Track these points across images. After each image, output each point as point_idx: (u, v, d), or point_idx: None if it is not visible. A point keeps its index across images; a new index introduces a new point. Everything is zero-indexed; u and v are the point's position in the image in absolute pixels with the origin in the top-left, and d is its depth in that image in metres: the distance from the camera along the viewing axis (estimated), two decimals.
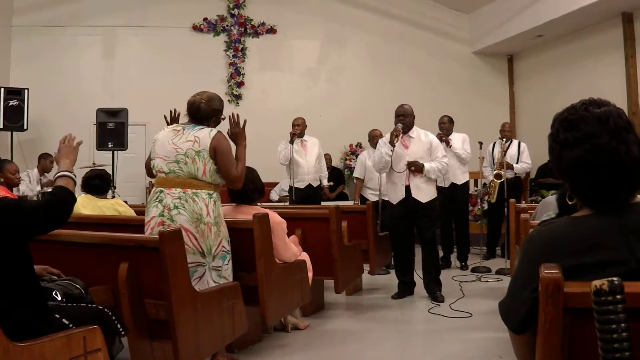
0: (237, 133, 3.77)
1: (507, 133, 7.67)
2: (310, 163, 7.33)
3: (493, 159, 7.56)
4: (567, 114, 1.50)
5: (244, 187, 3.89)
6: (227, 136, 3.68)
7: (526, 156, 7.58)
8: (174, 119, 4.08)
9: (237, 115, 3.80)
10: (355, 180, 7.98)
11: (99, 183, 4.61)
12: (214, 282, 3.46)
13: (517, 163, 7.46)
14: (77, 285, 2.68)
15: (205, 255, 3.43)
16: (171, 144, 3.54)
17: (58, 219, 2.34)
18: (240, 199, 4.13)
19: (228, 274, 3.56)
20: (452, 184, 7.18)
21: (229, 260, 3.58)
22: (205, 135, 3.51)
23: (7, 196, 2.31)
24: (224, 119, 3.78)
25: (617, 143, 1.41)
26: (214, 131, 3.55)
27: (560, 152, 1.48)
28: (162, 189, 3.52)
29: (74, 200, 2.45)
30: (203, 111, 3.62)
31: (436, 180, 5.81)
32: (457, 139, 7.25)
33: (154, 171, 3.64)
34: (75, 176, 2.57)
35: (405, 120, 5.57)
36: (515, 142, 7.68)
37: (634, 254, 1.35)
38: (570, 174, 1.47)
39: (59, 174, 2.55)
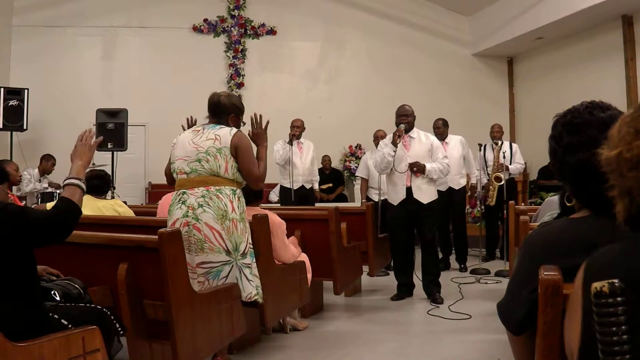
0: (259, 134, 3.74)
1: (497, 134, 7.64)
2: (305, 165, 7.38)
3: (485, 162, 7.50)
4: (570, 117, 1.50)
5: (244, 188, 3.90)
6: (247, 136, 3.65)
7: (519, 157, 7.53)
8: (191, 126, 4.08)
9: (260, 115, 3.78)
10: (360, 180, 7.96)
11: (98, 184, 4.61)
12: (249, 280, 3.44)
13: (510, 164, 7.43)
14: (76, 285, 2.68)
15: (231, 253, 3.39)
16: (192, 144, 3.51)
17: (58, 234, 2.30)
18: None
19: (256, 271, 3.54)
20: (450, 188, 7.18)
21: (254, 258, 3.56)
22: (226, 133, 3.49)
23: (13, 201, 2.30)
24: (244, 124, 3.74)
25: None
26: (234, 130, 3.53)
27: (564, 155, 1.48)
28: (184, 190, 3.48)
29: (78, 214, 2.35)
30: (223, 104, 3.60)
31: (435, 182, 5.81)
32: (455, 142, 7.25)
33: (174, 174, 3.60)
34: (84, 184, 2.44)
35: (407, 119, 5.57)
36: (506, 143, 7.59)
37: None
38: (574, 177, 1.47)
39: (67, 181, 2.43)
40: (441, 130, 7.20)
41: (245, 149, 3.49)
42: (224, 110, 3.61)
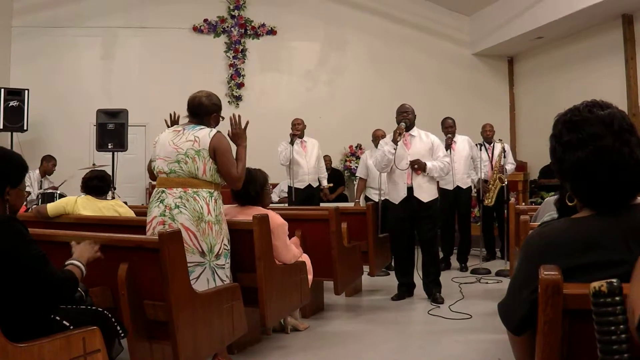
0: (238, 134, 3.77)
1: (489, 133, 7.62)
2: (310, 164, 7.36)
3: (480, 162, 7.43)
4: (570, 115, 1.50)
5: (249, 188, 3.92)
6: (227, 137, 3.68)
7: (511, 157, 7.50)
8: (174, 122, 4.10)
9: (239, 116, 3.81)
10: (358, 180, 7.97)
11: (98, 184, 4.61)
12: (222, 280, 3.47)
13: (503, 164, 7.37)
14: (78, 288, 2.68)
15: (206, 254, 3.43)
16: (172, 145, 3.56)
17: (56, 298, 2.34)
18: (244, 200, 4.12)
19: (229, 272, 3.58)
20: (457, 187, 7.17)
21: (229, 259, 3.60)
22: (205, 135, 3.53)
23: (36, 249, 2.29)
24: (223, 119, 3.80)
25: (621, 145, 1.41)
26: (214, 131, 3.57)
27: (564, 153, 1.48)
28: (163, 189, 3.54)
29: (75, 289, 2.45)
30: (205, 106, 3.65)
31: (438, 182, 5.81)
32: (463, 141, 7.23)
33: (155, 172, 3.67)
34: (85, 269, 2.54)
35: (407, 116, 5.58)
36: (498, 144, 7.54)
37: (633, 255, 1.35)
38: (574, 175, 1.47)
39: (71, 261, 2.53)
40: (453, 129, 7.19)
41: (223, 150, 3.53)
42: (206, 111, 3.66)
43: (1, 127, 8.71)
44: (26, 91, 8.95)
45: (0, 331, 2.03)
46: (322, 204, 7.68)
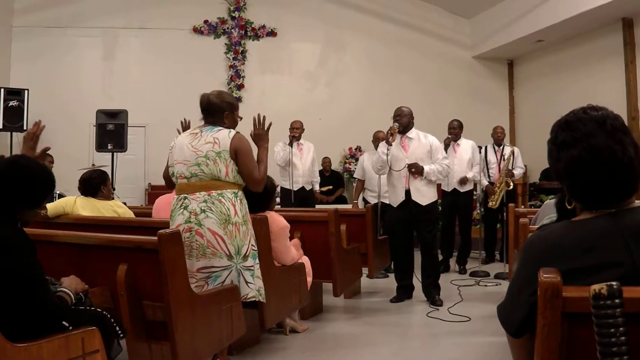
0: (260, 135, 3.70)
1: (500, 135, 7.63)
2: (305, 166, 7.39)
3: (487, 164, 7.45)
4: (565, 117, 1.53)
5: (260, 198, 3.93)
6: (247, 137, 3.60)
7: (520, 161, 7.50)
8: (185, 128, 4.06)
9: (264, 117, 3.74)
10: (355, 181, 7.97)
11: (81, 187, 4.60)
12: (247, 282, 3.41)
13: (512, 168, 7.39)
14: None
15: (233, 257, 3.37)
16: (190, 148, 3.46)
17: (43, 323, 2.28)
18: (254, 208, 4.09)
19: (259, 273, 3.51)
20: (455, 190, 7.17)
21: (257, 259, 3.52)
22: (224, 136, 3.44)
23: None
24: (241, 119, 3.71)
25: (614, 143, 1.42)
26: (233, 132, 3.48)
27: (559, 153, 1.49)
28: (185, 195, 3.44)
29: (63, 319, 2.40)
30: (214, 104, 3.54)
31: (440, 184, 5.78)
32: (466, 145, 7.23)
33: (173, 178, 3.56)
34: (73, 298, 2.57)
35: (401, 119, 5.55)
36: (507, 147, 7.56)
37: (632, 256, 1.35)
38: (568, 174, 1.48)
39: (62, 289, 2.55)
40: (456, 130, 7.20)
41: (245, 152, 3.45)
42: (215, 109, 3.55)
43: (1, 127, 8.71)
44: (26, 91, 8.95)
45: None
46: (321, 206, 7.68)
